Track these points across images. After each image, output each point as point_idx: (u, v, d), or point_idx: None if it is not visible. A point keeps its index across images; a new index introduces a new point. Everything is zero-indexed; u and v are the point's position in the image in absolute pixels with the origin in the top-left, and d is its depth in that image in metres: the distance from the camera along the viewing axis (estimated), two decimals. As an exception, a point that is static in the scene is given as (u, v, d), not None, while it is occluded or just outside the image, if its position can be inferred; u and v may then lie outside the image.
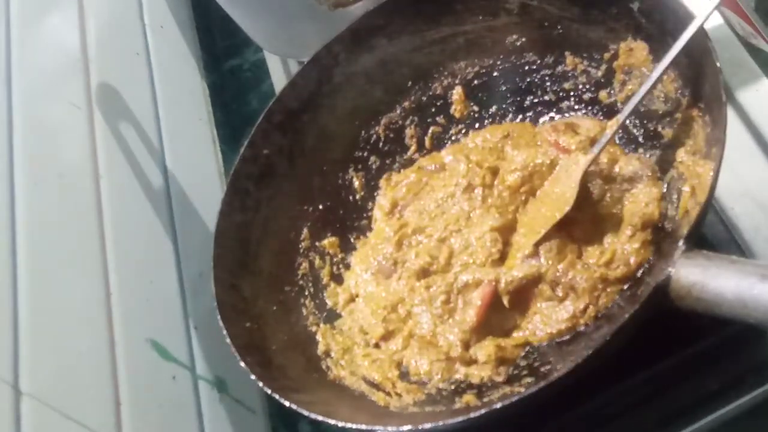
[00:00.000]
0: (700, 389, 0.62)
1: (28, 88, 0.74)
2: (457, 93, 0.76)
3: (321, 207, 0.74)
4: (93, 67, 0.83)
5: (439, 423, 0.51)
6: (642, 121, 0.66)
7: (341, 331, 0.68)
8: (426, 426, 0.50)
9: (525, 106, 0.74)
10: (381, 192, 0.76)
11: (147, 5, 1.01)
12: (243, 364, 0.57)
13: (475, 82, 0.76)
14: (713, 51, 0.54)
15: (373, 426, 0.53)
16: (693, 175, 0.57)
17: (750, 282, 0.45)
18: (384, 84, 0.76)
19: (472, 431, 0.53)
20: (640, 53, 0.65)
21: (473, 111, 0.76)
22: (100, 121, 0.80)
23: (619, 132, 0.65)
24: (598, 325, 0.59)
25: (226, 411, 0.76)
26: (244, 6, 0.86)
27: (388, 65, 0.76)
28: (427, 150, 0.77)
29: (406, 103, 0.77)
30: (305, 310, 0.69)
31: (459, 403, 0.58)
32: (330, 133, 0.75)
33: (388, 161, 0.77)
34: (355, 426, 0.53)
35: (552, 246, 0.62)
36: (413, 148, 0.77)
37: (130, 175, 0.80)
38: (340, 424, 0.53)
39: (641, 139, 0.66)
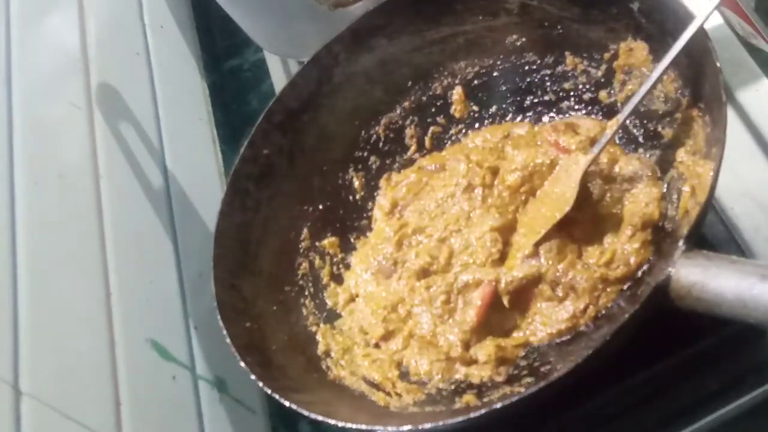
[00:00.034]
0: (700, 389, 0.62)
1: (28, 88, 0.74)
2: (457, 93, 0.76)
3: (321, 207, 0.74)
4: (93, 67, 0.83)
5: (439, 423, 0.51)
6: (642, 121, 0.66)
7: (341, 331, 0.68)
8: (426, 426, 0.50)
9: (525, 106, 0.74)
10: (381, 192, 0.76)
11: (147, 5, 1.01)
12: (243, 364, 0.57)
13: (475, 82, 0.76)
14: (713, 51, 0.54)
15: (373, 426, 0.53)
16: (693, 175, 0.57)
17: (750, 282, 0.45)
18: (384, 84, 0.76)
19: (472, 431, 0.53)
20: (640, 53, 0.65)
21: (473, 111, 0.76)
22: (100, 121, 0.80)
23: (619, 132, 0.65)
24: (598, 325, 0.59)
25: (226, 411, 0.76)
26: (244, 6, 0.86)
27: (388, 65, 0.76)
28: (427, 150, 0.77)
29: (406, 103, 0.77)
30: (305, 310, 0.69)
31: (459, 403, 0.58)
32: (330, 133, 0.75)
33: (388, 161, 0.77)
34: (355, 426, 0.53)
35: (552, 246, 0.62)
36: (413, 148, 0.77)
37: (130, 175, 0.80)
38: (340, 424, 0.53)
39: (641, 139, 0.66)
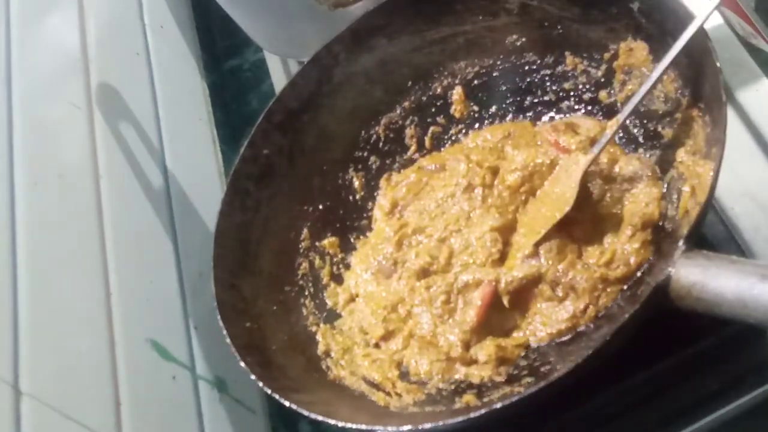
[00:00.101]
0: (700, 389, 0.62)
1: (28, 88, 0.74)
2: (457, 93, 0.76)
3: (321, 207, 0.74)
4: (93, 67, 0.83)
5: (439, 423, 0.51)
6: (642, 121, 0.66)
7: (341, 331, 0.68)
8: (426, 426, 0.50)
9: (525, 106, 0.74)
10: (381, 192, 0.76)
11: (147, 5, 1.01)
12: (243, 364, 0.57)
13: (475, 82, 0.76)
14: (713, 51, 0.54)
15: (373, 426, 0.53)
16: (693, 175, 0.57)
17: (750, 282, 0.45)
18: (384, 84, 0.76)
19: (472, 431, 0.53)
20: (640, 53, 0.65)
21: (473, 111, 0.76)
22: (100, 121, 0.80)
23: (619, 132, 0.65)
24: (598, 325, 0.59)
25: (226, 411, 0.76)
26: (244, 6, 0.86)
27: (388, 65, 0.75)
28: (427, 150, 0.77)
29: (406, 103, 0.77)
30: (305, 310, 0.69)
31: (459, 403, 0.58)
32: (330, 133, 0.75)
33: (388, 161, 0.77)
34: (355, 426, 0.53)
35: (552, 246, 0.62)
36: (413, 148, 0.77)
37: (130, 175, 0.80)
38: (340, 424, 0.53)
39: (641, 139, 0.66)
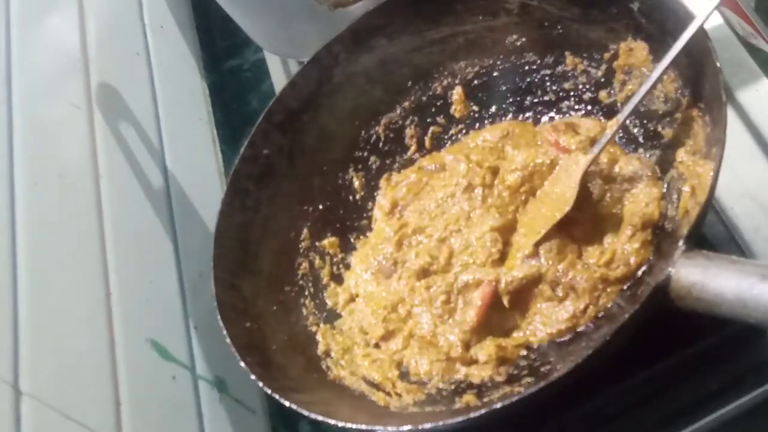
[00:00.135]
0: (700, 389, 0.62)
1: (28, 88, 0.74)
2: (457, 93, 0.76)
3: (321, 207, 0.74)
4: (93, 67, 0.83)
5: (439, 423, 0.51)
6: (642, 121, 0.66)
7: (341, 331, 0.68)
8: (426, 426, 0.50)
9: (525, 106, 0.74)
10: (381, 192, 0.76)
11: (147, 5, 1.01)
12: (243, 364, 0.57)
13: (475, 82, 0.76)
14: (713, 51, 0.54)
15: (373, 426, 0.53)
16: (693, 175, 0.57)
17: (750, 282, 0.45)
18: (384, 84, 0.76)
19: (472, 431, 0.53)
20: (640, 53, 0.65)
21: (473, 111, 0.76)
22: (100, 121, 0.80)
23: (619, 132, 0.65)
24: (598, 325, 0.59)
25: (226, 411, 0.76)
26: (244, 6, 0.86)
27: (388, 65, 0.75)
28: (427, 150, 0.77)
29: (406, 103, 0.77)
30: (305, 310, 0.69)
31: (459, 403, 0.58)
32: (330, 133, 0.75)
33: (388, 161, 0.77)
34: (355, 426, 0.53)
35: (552, 246, 0.62)
36: (413, 148, 0.77)
37: (130, 175, 0.80)
38: (340, 424, 0.53)
39: (641, 139, 0.66)
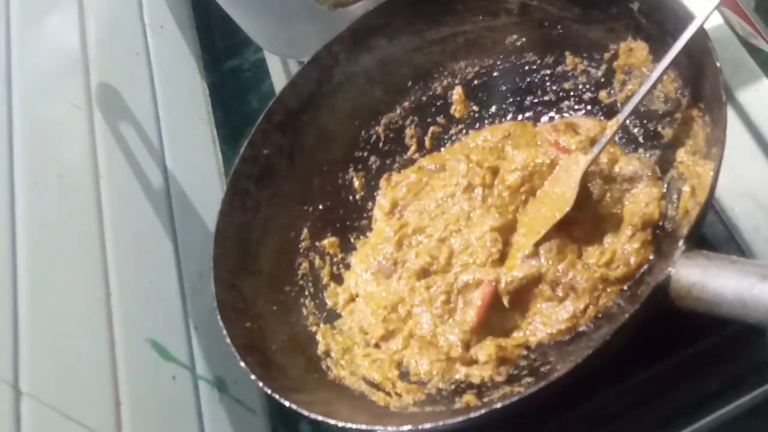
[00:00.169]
0: (700, 389, 0.62)
1: (28, 88, 0.74)
2: (457, 93, 0.76)
3: (321, 207, 0.74)
4: (93, 67, 0.83)
5: (439, 423, 0.51)
6: (642, 121, 0.66)
7: (341, 331, 0.68)
8: (426, 426, 0.50)
9: (525, 106, 0.74)
10: (381, 192, 0.76)
11: (147, 5, 1.01)
12: (243, 364, 0.57)
13: (475, 82, 0.76)
14: (713, 51, 0.54)
15: (373, 426, 0.53)
16: (693, 175, 0.57)
17: (750, 282, 0.45)
18: (384, 84, 0.76)
19: (472, 431, 0.53)
20: (640, 53, 0.65)
21: (473, 111, 0.76)
22: (100, 121, 0.80)
23: (619, 132, 0.65)
24: (598, 325, 0.59)
25: (226, 411, 0.76)
26: (244, 6, 0.86)
27: (388, 65, 0.75)
28: (427, 150, 0.77)
29: (406, 103, 0.77)
30: (305, 310, 0.69)
31: (459, 403, 0.58)
32: (330, 133, 0.75)
33: (388, 161, 0.77)
34: (355, 426, 0.53)
35: (552, 246, 0.62)
36: (413, 148, 0.77)
37: (130, 175, 0.80)
38: (340, 424, 0.53)
39: (641, 139, 0.66)
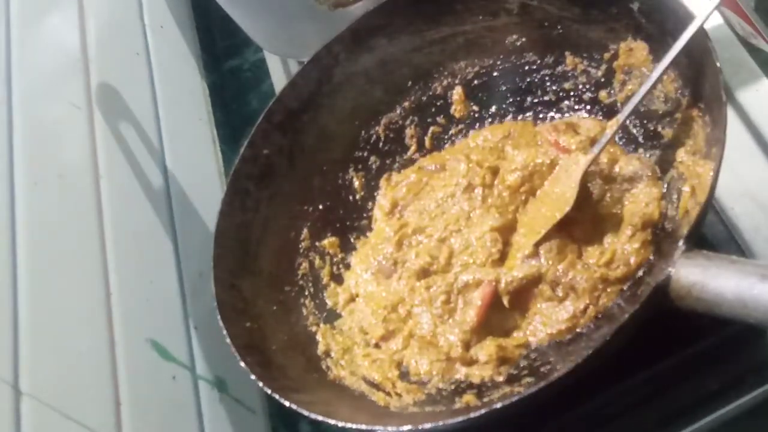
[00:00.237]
0: (700, 389, 0.62)
1: (28, 88, 0.74)
2: (457, 93, 0.76)
3: (321, 207, 0.74)
4: (93, 67, 0.83)
5: (439, 423, 0.51)
6: (642, 121, 0.66)
7: (341, 331, 0.68)
8: (426, 426, 0.50)
9: (525, 106, 0.74)
10: (381, 192, 0.76)
11: (147, 5, 1.01)
12: (243, 364, 0.57)
13: (475, 82, 0.76)
14: (713, 51, 0.54)
15: (373, 426, 0.53)
16: (693, 175, 0.57)
17: (750, 282, 0.45)
18: (384, 84, 0.76)
19: (472, 431, 0.53)
20: (640, 53, 0.65)
21: (473, 111, 0.76)
22: (100, 121, 0.80)
23: (619, 132, 0.65)
24: (598, 325, 0.59)
25: (226, 411, 0.76)
26: (244, 6, 0.86)
27: (388, 65, 0.75)
28: (427, 150, 0.77)
29: (406, 103, 0.77)
30: (305, 310, 0.69)
31: (459, 403, 0.58)
32: (330, 133, 0.75)
33: (388, 161, 0.77)
34: (355, 426, 0.53)
35: (552, 246, 0.62)
36: (413, 148, 0.77)
37: (130, 175, 0.80)
38: (340, 424, 0.53)
39: (641, 139, 0.66)
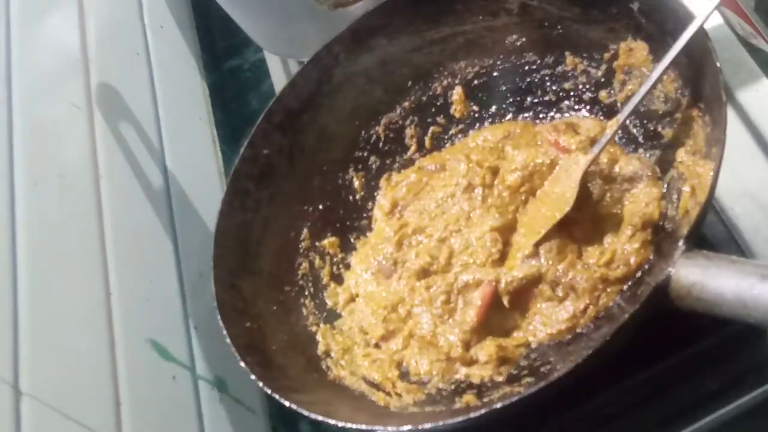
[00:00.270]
0: (700, 389, 0.62)
1: (28, 88, 0.74)
2: (457, 93, 0.76)
3: (321, 207, 0.74)
4: (93, 67, 0.83)
5: (439, 423, 0.51)
6: (642, 121, 0.66)
7: (341, 331, 0.68)
8: (426, 426, 0.50)
9: (525, 106, 0.74)
10: (381, 192, 0.76)
11: (147, 5, 1.01)
12: (243, 364, 0.57)
13: (475, 82, 0.76)
14: (713, 51, 0.54)
15: (373, 426, 0.53)
16: (693, 175, 0.57)
17: (750, 282, 0.45)
18: (384, 84, 0.76)
19: (472, 431, 0.53)
20: (640, 53, 0.65)
21: (473, 111, 0.76)
22: (100, 121, 0.80)
23: (619, 132, 0.65)
24: (598, 325, 0.59)
25: (226, 411, 0.76)
26: (244, 6, 0.86)
27: (388, 65, 0.75)
28: (427, 150, 0.77)
29: (406, 103, 0.77)
30: (305, 310, 0.69)
31: (459, 403, 0.58)
32: (330, 133, 0.75)
33: (388, 161, 0.77)
34: (355, 426, 0.53)
35: (552, 246, 0.62)
36: (413, 148, 0.77)
37: (130, 175, 0.80)
38: (340, 424, 0.53)
39: (641, 139, 0.66)
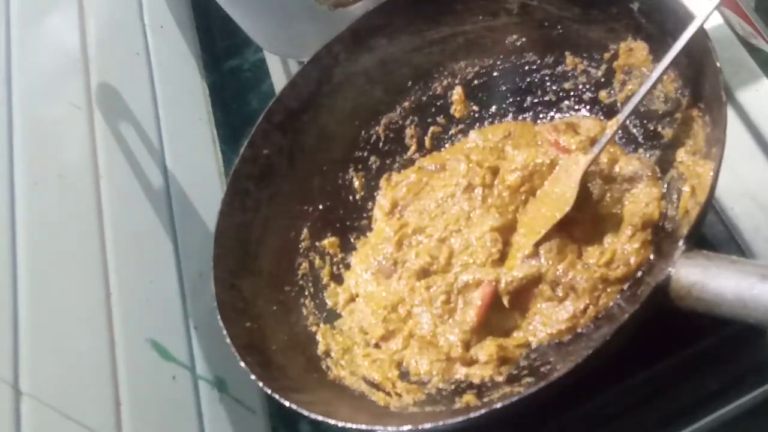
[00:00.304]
0: (700, 389, 0.62)
1: (28, 88, 0.74)
2: (457, 93, 0.76)
3: (321, 207, 0.74)
4: (93, 67, 0.83)
5: (439, 423, 0.51)
6: (642, 121, 0.66)
7: (341, 331, 0.68)
8: (426, 426, 0.50)
9: (525, 106, 0.74)
10: (381, 192, 0.76)
11: (147, 5, 1.01)
12: (243, 364, 0.57)
13: (475, 82, 0.76)
14: (713, 51, 0.54)
15: (373, 426, 0.53)
16: (693, 175, 0.57)
17: (750, 282, 0.45)
18: (384, 84, 0.76)
19: (472, 431, 0.53)
20: (640, 53, 0.65)
21: (473, 111, 0.76)
22: (100, 121, 0.80)
23: (619, 132, 0.65)
24: (598, 325, 0.59)
25: (226, 411, 0.76)
26: (244, 6, 0.86)
27: (388, 65, 0.76)
28: (427, 150, 0.77)
29: (406, 103, 0.77)
30: (305, 310, 0.69)
31: (459, 403, 0.58)
32: (330, 133, 0.75)
33: (388, 161, 0.77)
34: (355, 426, 0.53)
35: (552, 246, 0.62)
36: (413, 148, 0.77)
37: (130, 175, 0.80)
38: (340, 424, 0.53)
39: (641, 139, 0.66)
